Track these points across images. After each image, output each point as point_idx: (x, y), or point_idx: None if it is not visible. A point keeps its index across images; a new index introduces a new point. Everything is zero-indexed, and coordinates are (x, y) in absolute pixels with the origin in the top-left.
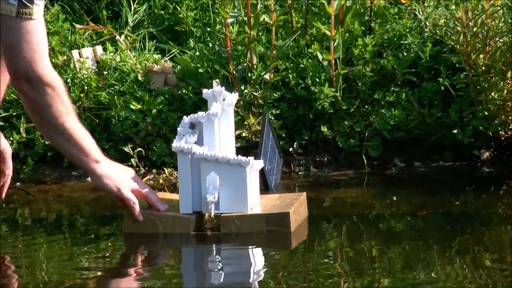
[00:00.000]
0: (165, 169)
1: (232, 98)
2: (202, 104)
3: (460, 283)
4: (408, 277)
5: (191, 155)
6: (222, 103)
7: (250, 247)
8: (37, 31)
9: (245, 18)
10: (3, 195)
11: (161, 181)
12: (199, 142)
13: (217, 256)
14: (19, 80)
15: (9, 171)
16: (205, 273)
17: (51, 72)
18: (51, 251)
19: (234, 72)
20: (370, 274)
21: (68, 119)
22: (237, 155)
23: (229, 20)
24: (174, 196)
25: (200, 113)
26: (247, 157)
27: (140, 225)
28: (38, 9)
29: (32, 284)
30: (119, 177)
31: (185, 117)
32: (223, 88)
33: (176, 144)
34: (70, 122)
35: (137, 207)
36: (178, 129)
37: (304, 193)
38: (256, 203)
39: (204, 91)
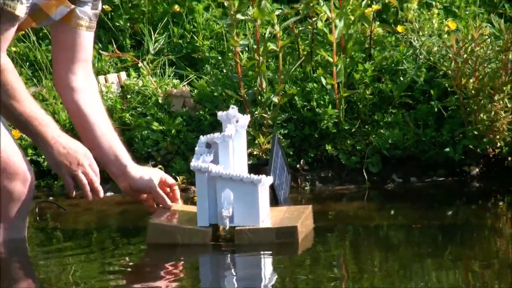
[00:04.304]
0: (186, 185)
1: (245, 120)
2: (217, 125)
3: (453, 286)
4: (404, 282)
5: (207, 174)
6: (236, 125)
7: (261, 256)
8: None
9: (254, 46)
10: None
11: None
12: (215, 161)
13: (231, 264)
14: None
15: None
16: (220, 279)
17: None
18: (79, 260)
19: (245, 96)
20: (369, 280)
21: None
22: (249, 173)
23: (239, 49)
24: (193, 209)
25: (215, 134)
26: (258, 175)
27: (161, 236)
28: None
29: None
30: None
31: (201, 137)
32: (237, 109)
33: (194, 163)
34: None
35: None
36: (196, 148)
37: (310, 206)
38: (267, 215)
39: (219, 113)
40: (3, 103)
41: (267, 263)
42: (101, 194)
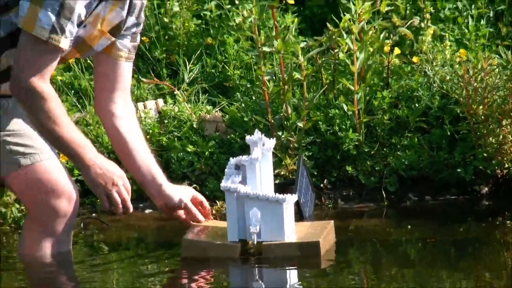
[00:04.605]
0: (217, 201)
1: (271, 143)
2: (247, 147)
3: None
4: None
5: (236, 193)
6: (262, 148)
7: (286, 269)
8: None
9: (280, 75)
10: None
11: (213, 211)
12: (243, 181)
13: (258, 276)
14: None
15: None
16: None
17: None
18: (120, 271)
19: (272, 121)
20: None
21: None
22: (276, 193)
23: (266, 77)
24: (223, 224)
25: (244, 157)
26: (283, 194)
27: (194, 251)
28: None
29: None
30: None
31: (231, 159)
32: (263, 135)
33: (224, 184)
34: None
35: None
36: (226, 170)
37: (332, 221)
38: (292, 231)
39: (247, 137)
40: (46, 128)
41: (292, 275)
42: (131, 210)
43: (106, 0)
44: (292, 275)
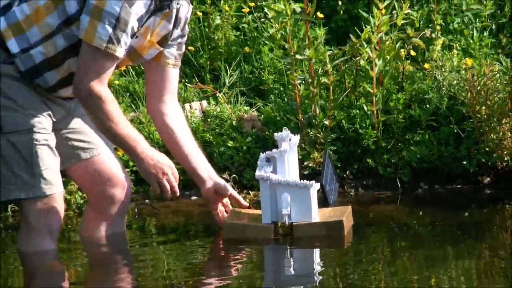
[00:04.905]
0: (251, 191)
1: (296, 139)
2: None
3: (469, 271)
4: (430, 267)
5: (269, 181)
6: (289, 143)
7: (314, 247)
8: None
9: (310, 80)
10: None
11: (247, 200)
12: (274, 171)
13: (290, 253)
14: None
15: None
16: (281, 265)
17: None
18: (169, 250)
19: (302, 119)
20: (401, 264)
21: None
22: (302, 180)
23: (297, 82)
24: (257, 211)
25: (274, 150)
26: (309, 181)
27: (234, 233)
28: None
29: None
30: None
31: (261, 154)
32: (289, 132)
33: (258, 173)
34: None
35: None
36: (258, 162)
37: (350, 207)
38: (316, 213)
39: (276, 134)
40: (105, 126)
41: (319, 252)
42: (178, 195)
43: (155, 14)
44: (319, 252)
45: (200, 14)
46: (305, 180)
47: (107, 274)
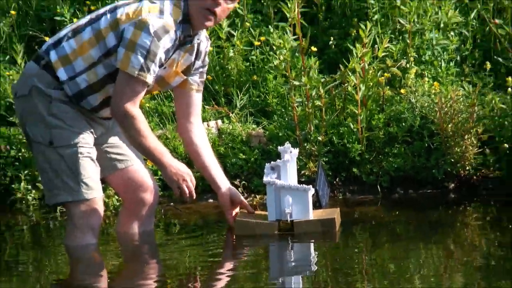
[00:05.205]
0: (257, 195)
1: (296, 151)
2: (279, 156)
3: (436, 260)
4: (405, 254)
5: (274, 185)
6: (290, 154)
7: (311, 240)
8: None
9: (306, 102)
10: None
11: (255, 202)
12: (278, 177)
13: (290, 245)
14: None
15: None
16: (283, 255)
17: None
18: (191, 245)
19: (300, 136)
20: (382, 253)
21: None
22: (301, 184)
23: (296, 104)
24: (263, 212)
25: (278, 160)
26: (307, 185)
27: (244, 229)
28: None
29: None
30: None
31: (267, 164)
32: (290, 145)
33: (265, 179)
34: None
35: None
36: (265, 170)
37: (338, 208)
38: (312, 213)
39: (279, 147)
40: (137, 141)
41: (314, 244)
42: (194, 197)
43: (180, 49)
44: (315, 244)
45: (216, 48)
46: (304, 185)
47: (138, 264)
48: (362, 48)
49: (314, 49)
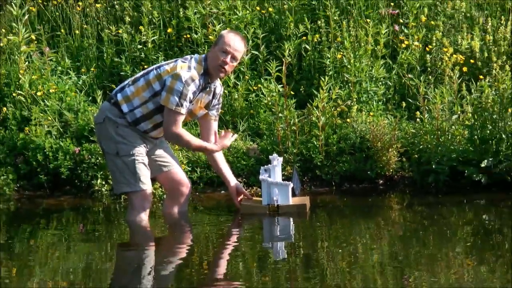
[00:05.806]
0: (254, 187)
1: (280, 159)
2: (269, 161)
3: (371, 236)
4: (350, 227)
5: (267, 182)
6: (277, 161)
7: (291, 218)
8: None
9: (286, 128)
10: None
11: (252, 192)
12: (269, 176)
13: (276, 221)
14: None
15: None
16: (273, 228)
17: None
18: (211, 223)
19: (282, 149)
20: (340, 227)
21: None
22: (283, 181)
23: (280, 128)
24: (259, 199)
25: (269, 165)
26: (288, 182)
27: (247, 210)
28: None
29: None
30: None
31: (262, 167)
32: (277, 155)
33: (260, 177)
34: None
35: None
36: (260, 171)
37: (308, 196)
38: (291, 200)
39: (270, 156)
40: (188, 146)
41: (292, 221)
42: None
43: (202, 91)
44: (292, 220)
45: (226, 91)
46: (286, 181)
47: (177, 232)
48: (322, 92)
49: (292, 92)
